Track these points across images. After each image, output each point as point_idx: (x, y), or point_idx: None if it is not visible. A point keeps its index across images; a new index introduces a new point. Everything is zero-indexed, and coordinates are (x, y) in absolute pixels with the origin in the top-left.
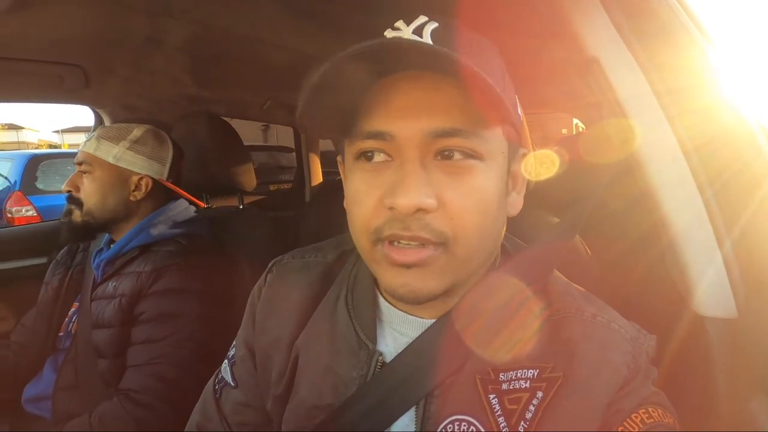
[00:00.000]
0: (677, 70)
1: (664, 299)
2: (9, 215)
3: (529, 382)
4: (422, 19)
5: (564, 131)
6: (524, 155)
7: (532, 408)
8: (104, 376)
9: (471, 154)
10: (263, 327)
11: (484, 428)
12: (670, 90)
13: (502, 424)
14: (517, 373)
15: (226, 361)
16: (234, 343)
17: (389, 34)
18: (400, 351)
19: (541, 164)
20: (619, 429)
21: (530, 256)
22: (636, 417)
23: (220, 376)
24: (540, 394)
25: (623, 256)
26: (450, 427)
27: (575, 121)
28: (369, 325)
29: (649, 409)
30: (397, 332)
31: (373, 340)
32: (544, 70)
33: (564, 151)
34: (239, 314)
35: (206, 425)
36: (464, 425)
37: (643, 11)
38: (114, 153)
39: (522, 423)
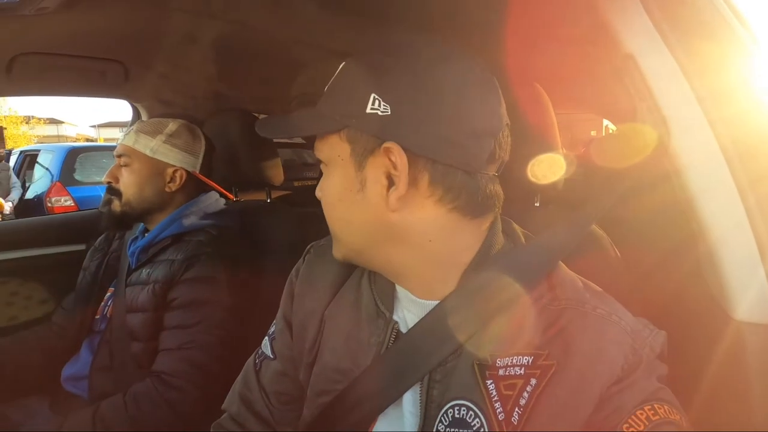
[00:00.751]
0: (720, 70)
1: (699, 305)
2: (49, 204)
3: (523, 369)
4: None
5: (593, 133)
6: (387, 150)
7: (525, 395)
8: (137, 359)
9: (321, 161)
10: (301, 302)
11: (482, 412)
12: (713, 92)
13: (499, 410)
14: (513, 360)
15: (266, 337)
16: (274, 321)
17: None
18: (411, 326)
19: (552, 167)
20: (624, 426)
21: (536, 246)
22: (641, 414)
23: (260, 351)
24: (534, 381)
25: (656, 261)
26: (451, 412)
27: (605, 122)
28: (387, 297)
29: (655, 406)
30: (407, 310)
31: (390, 310)
32: (571, 68)
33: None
34: (266, 303)
35: (248, 394)
36: (464, 410)
37: (684, 6)
38: (151, 146)
39: (516, 409)
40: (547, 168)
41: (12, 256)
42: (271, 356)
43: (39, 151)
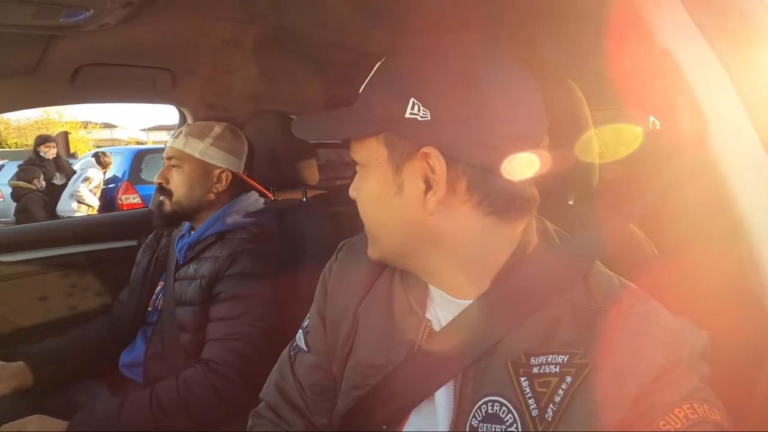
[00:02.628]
0: (763, 62)
1: (741, 304)
2: (119, 202)
3: (558, 367)
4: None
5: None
6: (426, 154)
7: (560, 392)
8: (186, 348)
9: (357, 162)
10: (334, 298)
11: (515, 409)
12: (755, 85)
13: (532, 406)
14: (547, 358)
15: (300, 330)
16: (307, 315)
17: None
18: (444, 325)
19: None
20: (661, 423)
21: (572, 246)
22: (679, 412)
23: (294, 344)
24: (569, 379)
25: (696, 259)
26: (484, 407)
27: (651, 118)
28: (419, 295)
29: (695, 405)
30: (440, 308)
31: (423, 308)
32: (605, 64)
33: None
34: (303, 298)
35: (283, 385)
36: (497, 405)
37: None
38: (200, 148)
39: (551, 405)
40: (581, 165)
41: (71, 251)
42: (305, 349)
43: (110, 153)
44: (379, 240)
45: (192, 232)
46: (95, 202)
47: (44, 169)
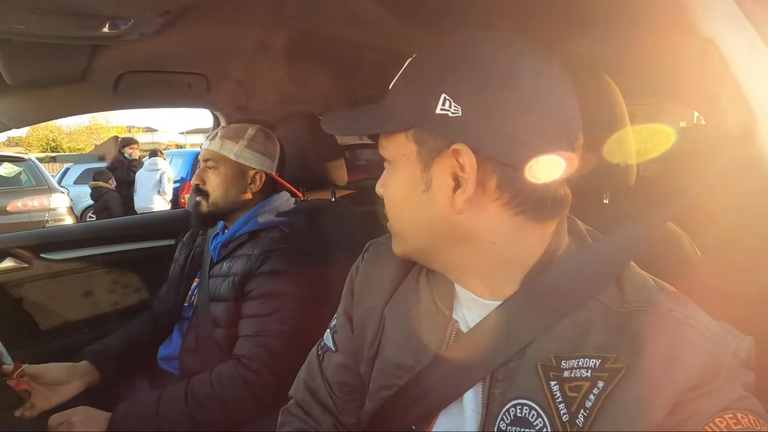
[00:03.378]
0: None
1: None
2: (182, 200)
3: (590, 371)
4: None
5: (682, 124)
6: (456, 151)
7: (592, 397)
8: (219, 343)
9: (384, 159)
10: (360, 298)
11: (544, 413)
12: None
13: (563, 411)
14: (579, 362)
15: (328, 330)
16: (335, 314)
17: None
18: (471, 326)
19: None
20: None
21: (604, 246)
22: (720, 422)
23: (322, 343)
24: (601, 384)
25: (742, 260)
26: (513, 410)
27: (696, 114)
28: (446, 296)
29: (738, 415)
30: (467, 309)
31: (450, 308)
32: (642, 56)
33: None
34: (332, 296)
35: (312, 383)
36: (526, 409)
37: None
38: (235, 150)
39: (582, 411)
40: (617, 163)
41: (114, 249)
42: (333, 348)
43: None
44: (405, 236)
45: (226, 231)
46: (170, 196)
47: (130, 169)
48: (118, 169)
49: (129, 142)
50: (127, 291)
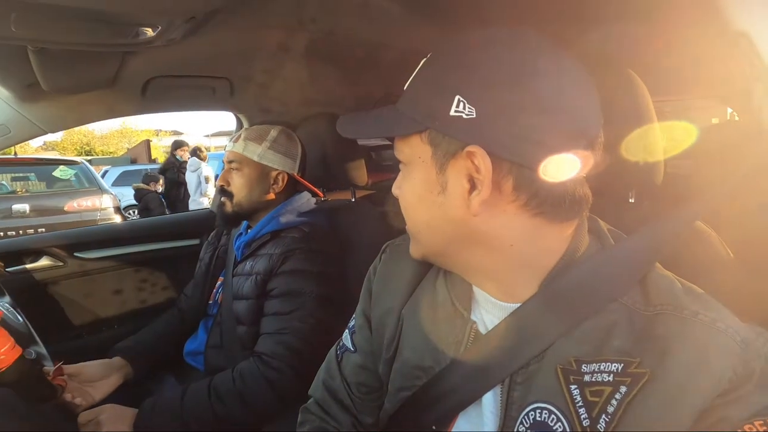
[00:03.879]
0: None
1: None
2: None
3: (612, 375)
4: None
5: (714, 121)
6: (470, 153)
7: (614, 402)
8: (242, 340)
9: (399, 160)
10: (378, 299)
11: (564, 417)
12: None
13: (583, 415)
14: (600, 366)
15: (347, 330)
16: (353, 315)
17: None
18: (490, 328)
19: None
20: None
21: (627, 246)
22: (750, 429)
23: (341, 343)
24: (624, 389)
25: None
26: (532, 414)
27: (729, 110)
28: (464, 297)
29: None
30: (485, 311)
31: (468, 310)
32: (669, 51)
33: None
34: (352, 295)
35: (331, 383)
36: (545, 413)
37: None
38: (258, 152)
39: (603, 416)
40: (643, 160)
41: (142, 248)
42: (352, 349)
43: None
44: (421, 239)
45: (249, 231)
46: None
47: (180, 170)
48: (169, 170)
49: (180, 144)
50: (154, 289)
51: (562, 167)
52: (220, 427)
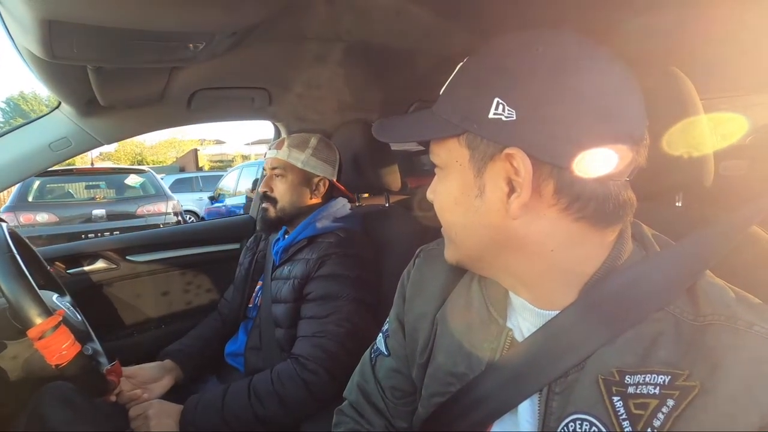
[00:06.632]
0: None
1: None
2: None
3: (659, 388)
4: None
5: None
6: (509, 155)
7: (660, 416)
8: (280, 342)
9: (435, 165)
10: (412, 304)
11: (607, 430)
12: None
13: (627, 429)
14: (645, 378)
15: (381, 334)
16: (387, 319)
17: None
18: (527, 335)
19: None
20: None
21: (673, 254)
22: None
23: (375, 347)
24: (671, 402)
25: None
26: (571, 425)
27: None
28: (499, 303)
29: None
30: (521, 317)
31: (504, 316)
32: (715, 47)
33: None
34: (386, 299)
35: (365, 386)
36: (586, 425)
37: None
38: (301, 159)
39: (649, 430)
40: (691, 162)
41: (187, 252)
42: (386, 353)
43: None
44: (457, 243)
45: (286, 236)
46: None
47: None
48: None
49: None
50: (199, 291)
51: (600, 166)
52: (258, 424)
